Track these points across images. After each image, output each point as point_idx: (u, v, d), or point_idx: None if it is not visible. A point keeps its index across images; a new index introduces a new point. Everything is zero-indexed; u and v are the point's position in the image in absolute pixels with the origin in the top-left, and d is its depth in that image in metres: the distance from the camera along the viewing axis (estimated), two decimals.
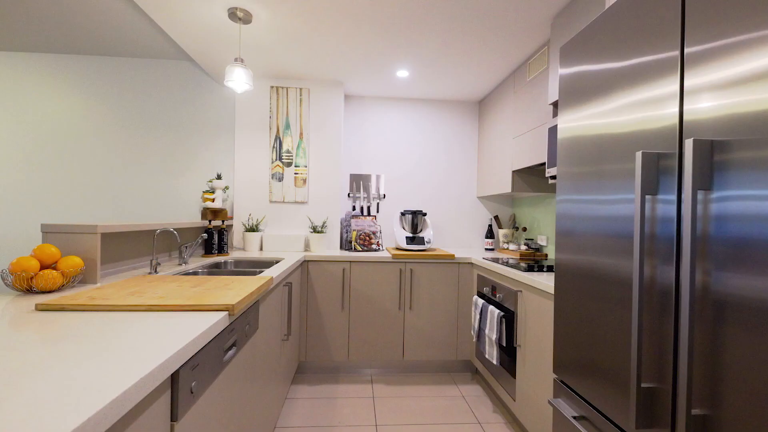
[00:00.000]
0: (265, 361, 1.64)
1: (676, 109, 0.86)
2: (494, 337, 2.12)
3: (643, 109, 0.96)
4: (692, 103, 0.83)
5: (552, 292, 1.61)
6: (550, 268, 2.04)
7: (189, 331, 0.89)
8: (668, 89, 0.89)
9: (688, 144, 0.77)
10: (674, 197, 0.86)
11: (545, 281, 1.71)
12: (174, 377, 0.80)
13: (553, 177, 2.01)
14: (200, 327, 0.93)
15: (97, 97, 3.03)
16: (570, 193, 1.26)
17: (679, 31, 0.87)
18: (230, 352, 1.13)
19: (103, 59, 3.04)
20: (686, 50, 0.85)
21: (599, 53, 1.15)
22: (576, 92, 1.26)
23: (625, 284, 1.00)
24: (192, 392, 0.86)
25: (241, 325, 1.23)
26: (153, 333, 0.88)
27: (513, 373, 2.04)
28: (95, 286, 1.39)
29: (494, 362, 2.12)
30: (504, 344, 2.08)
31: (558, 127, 1.34)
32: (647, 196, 0.92)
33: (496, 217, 3.36)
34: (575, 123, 1.25)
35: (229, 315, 1.07)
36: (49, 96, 3.01)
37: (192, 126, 3.10)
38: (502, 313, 2.09)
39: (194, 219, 3.12)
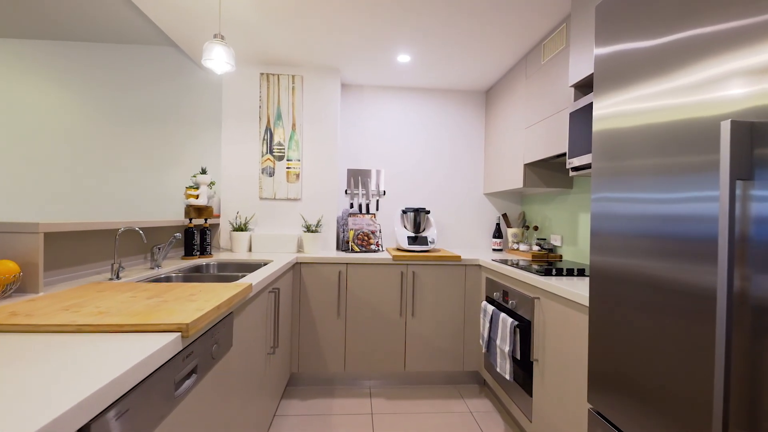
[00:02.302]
0: (244, 382, 1.41)
1: None
2: (507, 349, 1.88)
3: (724, 86, 0.72)
4: None
5: (580, 301, 1.38)
6: (570, 272, 1.80)
7: (119, 363, 0.66)
8: (761, 59, 0.65)
9: None
10: None
11: (568, 287, 1.47)
12: None
13: (576, 168, 1.77)
14: (136, 357, 0.70)
15: (71, 86, 2.80)
16: (611, 191, 1.03)
17: None
18: (187, 382, 0.90)
19: (76, 45, 2.81)
20: None
21: (654, 16, 0.91)
22: (619, 70, 1.02)
23: (700, 296, 0.76)
24: None
25: (204, 347, 1.00)
26: (67, 367, 0.64)
27: (529, 391, 1.80)
28: (36, 295, 1.16)
29: (507, 377, 1.89)
30: (518, 357, 1.84)
31: (594, 115, 1.11)
32: (738, 183, 0.68)
33: (505, 216, 3.12)
34: (617, 108, 1.02)
35: (183, 337, 0.84)
36: (17, 85, 2.78)
37: (176, 117, 2.87)
38: (516, 323, 1.85)
39: (179, 217, 2.89)
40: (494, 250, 3.04)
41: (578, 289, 1.43)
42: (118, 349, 0.73)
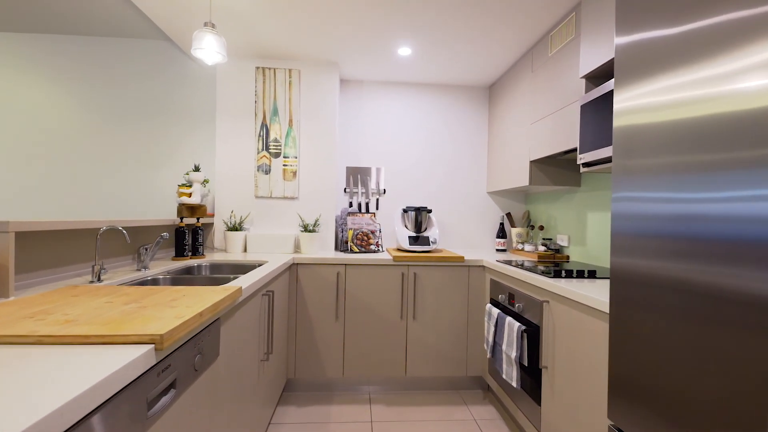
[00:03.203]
0: (234, 392, 1.31)
1: None
2: (513, 354, 1.78)
3: None
4: None
5: (596, 306, 1.28)
6: (580, 274, 1.71)
7: (77, 383, 0.57)
8: None
9: None
10: None
11: (580, 290, 1.38)
12: None
13: (587, 164, 1.67)
14: (98, 374, 0.60)
15: (60, 81, 2.71)
16: (634, 190, 0.94)
17: None
18: (164, 399, 0.80)
19: (66, 39, 2.72)
20: None
21: None
22: (644, 59, 0.93)
23: (745, 303, 0.67)
24: None
25: (184, 358, 0.90)
26: (12, 387, 0.55)
27: (537, 399, 1.71)
28: (5, 300, 1.06)
29: (514, 385, 1.79)
30: (526, 364, 1.75)
31: (615, 108, 1.01)
32: None
33: (509, 215, 3.02)
34: (642, 101, 0.92)
35: (157, 349, 0.75)
36: (4, 80, 2.68)
37: (169, 112, 2.77)
38: (524, 327, 1.75)
39: (174, 217, 2.80)
40: (498, 250, 2.94)
41: (591, 293, 1.33)
42: (79, 365, 0.64)
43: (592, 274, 1.71)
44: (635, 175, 0.93)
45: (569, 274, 1.71)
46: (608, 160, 1.50)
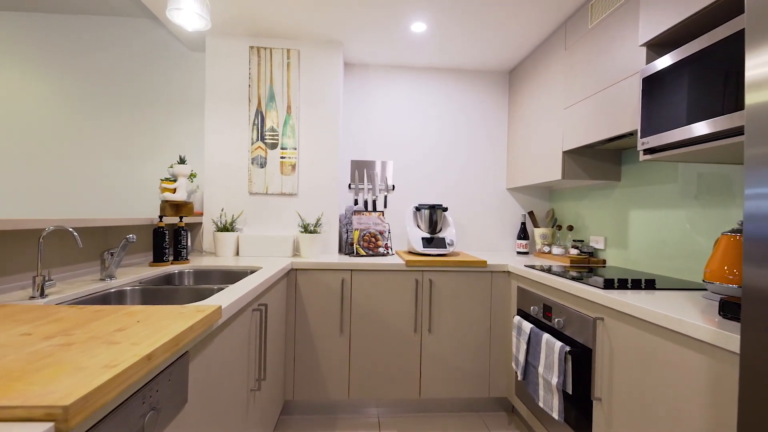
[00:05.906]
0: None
1: None
2: (554, 380, 1.49)
3: None
4: None
5: (686, 332, 0.98)
6: (636, 284, 1.41)
7: None
8: None
9: None
10: None
11: (643, 305, 1.08)
12: None
13: (650, 151, 1.37)
14: None
15: (34, 63, 2.41)
16: None
17: None
18: None
19: (40, 17, 2.42)
20: None
21: None
22: None
23: None
24: None
25: (124, 423, 0.61)
26: None
27: None
28: None
29: (555, 417, 1.50)
30: (570, 392, 1.45)
31: (747, 77, 0.71)
32: None
33: (531, 214, 2.73)
34: None
35: (58, 431, 0.45)
36: None
37: (153, 99, 2.48)
38: (567, 348, 1.46)
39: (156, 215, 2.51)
40: (519, 253, 2.64)
41: (662, 308, 1.03)
42: None
43: (650, 284, 1.42)
44: None
45: (623, 284, 1.41)
46: (693, 142, 1.19)
